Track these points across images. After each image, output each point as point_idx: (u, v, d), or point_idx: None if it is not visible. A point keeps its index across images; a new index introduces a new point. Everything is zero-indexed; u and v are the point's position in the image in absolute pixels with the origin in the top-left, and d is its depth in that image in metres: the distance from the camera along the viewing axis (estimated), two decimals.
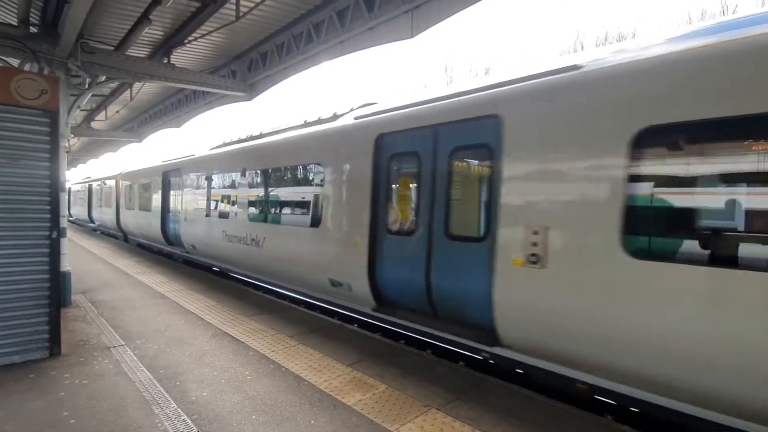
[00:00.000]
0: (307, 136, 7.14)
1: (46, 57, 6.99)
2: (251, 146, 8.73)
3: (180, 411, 3.44)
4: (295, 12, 7.70)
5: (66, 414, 3.34)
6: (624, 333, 3.17)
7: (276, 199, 8.08)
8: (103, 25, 7.88)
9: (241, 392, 3.81)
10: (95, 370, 4.24)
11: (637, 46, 3.56)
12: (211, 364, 4.47)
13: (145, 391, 3.79)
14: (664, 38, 3.40)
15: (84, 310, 6.46)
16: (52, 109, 4.55)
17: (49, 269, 4.52)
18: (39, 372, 4.13)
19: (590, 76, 3.55)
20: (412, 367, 4.49)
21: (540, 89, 3.88)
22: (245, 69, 9.85)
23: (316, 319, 6.34)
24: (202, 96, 11.98)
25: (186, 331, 5.55)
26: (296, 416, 3.41)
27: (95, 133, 17.78)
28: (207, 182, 10.17)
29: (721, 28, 3.12)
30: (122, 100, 13.42)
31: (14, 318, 4.34)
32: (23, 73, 4.48)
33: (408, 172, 5.41)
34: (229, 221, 9.11)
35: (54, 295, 4.55)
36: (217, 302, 7.16)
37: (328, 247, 6.17)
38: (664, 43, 3.31)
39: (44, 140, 4.52)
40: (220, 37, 8.52)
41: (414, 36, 6.27)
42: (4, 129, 4.29)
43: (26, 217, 4.42)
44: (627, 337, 3.17)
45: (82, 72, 7.38)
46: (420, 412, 3.52)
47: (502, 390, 3.98)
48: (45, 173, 4.52)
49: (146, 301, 7.20)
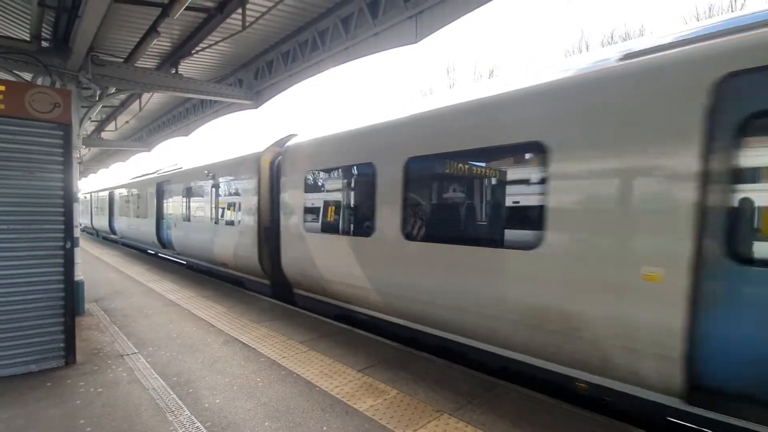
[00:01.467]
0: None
1: (58, 71, 7.15)
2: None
3: (193, 418, 3.47)
4: (300, 20, 7.79)
5: (82, 422, 3.39)
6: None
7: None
8: (112, 38, 8.03)
9: (254, 399, 3.84)
10: (109, 378, 4.30)
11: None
12: (223, 370, 4.51)
13: (158, 398, 3.83)
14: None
15: (97, 319, 6.55)
16: (65, 122, 4.64)
17: (63, 279, 4.60)
18: (55, 380, 4.20)
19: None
20: (422, 372, 4.48)
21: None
22: (251, 77, 9.96)
23: (326, 324, 6.36)
24: (210, 105, 12.13)
25: (197, 338, 5.60)
26: (308, 422, 3.42)
27: (105, 143, 18.07)
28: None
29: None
30: (131, 110, 13.64)
31: (31, 327, 4.42)
32: (37, 87, 4.58)
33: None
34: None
35: (69, 305, 4.62)
36: (227, 309, 7.22)
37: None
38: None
39: (58, 152, 4.61)
40: (227, 46, 8.64)
41: (418, 41, 6.30)
42: (20, 142, 4.39)
43: (41, 228, 4.50)
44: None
45: (93, 84, 7.52)
46: (432, 417, 3.52)
47: (514, 394, 3.96)
48: (59, 184, 4.61)
49: (158, 308, 7.28)
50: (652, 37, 3.58)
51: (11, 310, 4.31)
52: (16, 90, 4.41)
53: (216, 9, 7.06)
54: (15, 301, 4.33)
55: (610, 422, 3.43)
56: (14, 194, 4.35)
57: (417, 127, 5.24)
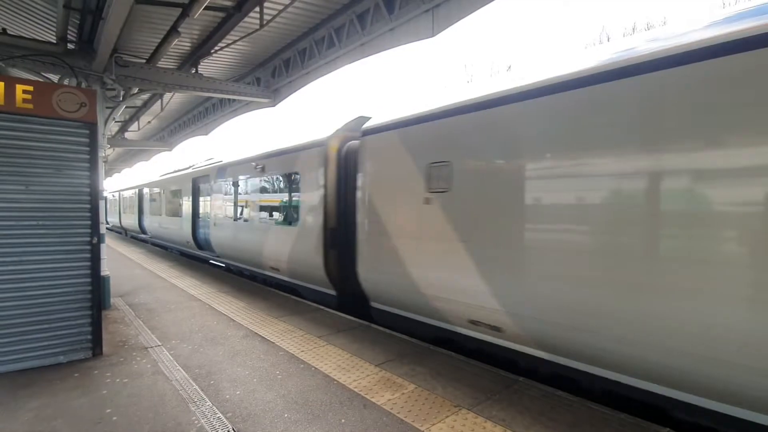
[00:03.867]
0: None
1: (84, 72, 7.36)
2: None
3: (215, 409, 3.54)
4: (317, 17, 7.81)
5: (109, 411, 3.50)
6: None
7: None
8: (135, 39, 8.23)
9: (273, 391, 3.89)
10: (134, 369, 4.42)
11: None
12: (243, 363, 4.58)
13: (181, 389, 3.92)
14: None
15: (123, 313, 6.74)
16: (91, 121, 4.78)
17: (90, 273, 4.74)
18: (83, 371, 4.34)
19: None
20: (440, 368, 4.46)
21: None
22: (269, 75, 10.06)
23: (343, 320, 6.39)
24: (228, 104, 12.31)
25: (218, 332, 5.71)
26: (327, 415, 3.44)
27: (129, 143, 18.57)
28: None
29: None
30: (153, 111, 13.96)
31: (60, 320, 4.58)
32: (63, 87, 4.73)
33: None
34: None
35: (95, 298, 4.77)
36: (246, 304, 7.33)
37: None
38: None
39: (84, 150, 4.76)
40: (245, 45, 8.74)
41: (435, 35, 6.23)
42: (49, 141, 4.55)
43: (69, 224, 4.66)
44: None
45: (117, 85, 7.72)
46: (450, 412, 3.49)
47: (534, 391, 3.89)
48: (85, 182, 4.75)
49: (180, 303, 7.45)
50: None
51: (40, 303, 4.47)
52: (44, 90, 4.56)
53: (234, 8, 7.15)
54: (44, 294, 4.49)
55: (635, 421, 3.34)
56: (43, 191, 4.51)
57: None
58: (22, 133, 4.42)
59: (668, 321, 3.20)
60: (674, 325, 3.18)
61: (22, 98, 4.40)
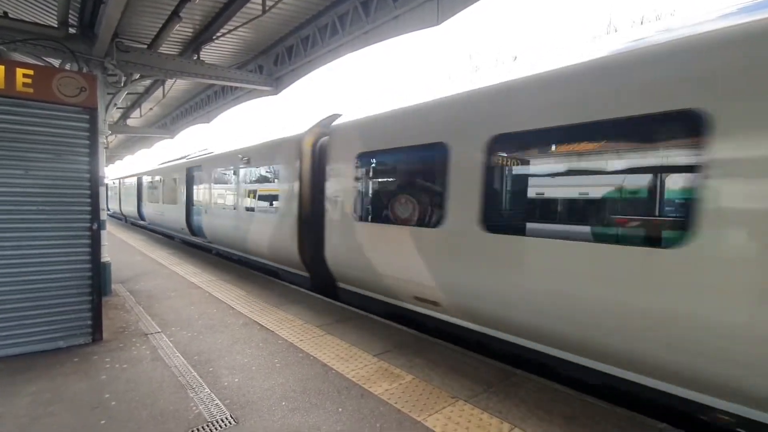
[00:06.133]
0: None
1: (84, 57, 7.29)
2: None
3: (213, 395, 3.56)
4: (320, 4, 7.70)
5: (107, 396, 3.52)
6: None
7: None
8: (135, 23, 8.13)
9: (271, 379, 3.90)
10: (134, 355, 4.44)
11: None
12: (242, 351, 4.59)
13: (180, 375, 3.94)
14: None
15: (123, 299, 6.77)
16: (91, 106, 4.73)
17: (90, 259, 4.75)
18: (82, 356, 4.37)
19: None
20: (437, 359, 4.46)
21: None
22: (271, 63, 9.96)
23: (342, 309, 6.41)
24: (231, 91, 12.23)
25: (218, 320, 5.73)
26: (325, 403, 3.46)
27: (131, 130, 18.53)
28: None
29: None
30: (155, 97, 13.89)
31: (60, 305, 4.59)
32: (63, 72, 4.67)
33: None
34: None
35: (95, 284, 4.78)
36: (246, 292, 7.35)
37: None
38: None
39: (84, 136, 4.72)
40: (247, 31, 8.64)
41: (440, 23, 6.14)
42: (49, 125, 4.51)
43: (69, 209, 4.64)
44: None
45: (118, 70, 7.66)
46: (447, 403, 3.50)
47: (531, 384, 3.90)
48: (85, 167, 4.72)
49: (180, 290, 7.47)
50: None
51: (40, 288, 4.48)
52: (44, 74, 4.51)
53: None
54: (44, 279, 4.50)
55: (631, 415, 3.34)
56: (43, 176, 4.49)
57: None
58: (22, 117, 4.38)
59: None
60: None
61: (23, 82, 4.36)
